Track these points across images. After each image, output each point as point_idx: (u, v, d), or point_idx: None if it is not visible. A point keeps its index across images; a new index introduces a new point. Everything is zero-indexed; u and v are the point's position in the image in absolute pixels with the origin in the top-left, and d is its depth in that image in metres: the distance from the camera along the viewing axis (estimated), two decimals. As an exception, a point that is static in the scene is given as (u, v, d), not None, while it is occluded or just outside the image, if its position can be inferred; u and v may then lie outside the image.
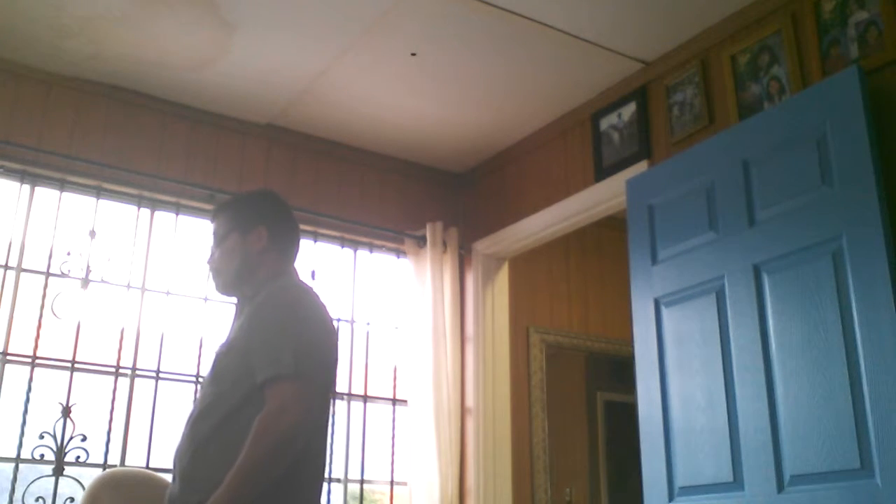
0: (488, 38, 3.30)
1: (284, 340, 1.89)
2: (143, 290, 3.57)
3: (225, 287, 2.15)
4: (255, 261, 2.11)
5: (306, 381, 1.87)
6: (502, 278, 4.30)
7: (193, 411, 2.01)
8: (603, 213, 3.72)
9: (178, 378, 3.57)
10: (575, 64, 3.47)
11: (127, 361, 3.47)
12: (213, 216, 2.21)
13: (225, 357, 1.98)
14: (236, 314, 2.17)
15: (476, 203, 4.38)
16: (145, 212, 3.68)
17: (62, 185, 3.52)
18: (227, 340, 2.05)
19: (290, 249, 2.20)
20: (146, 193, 3.66)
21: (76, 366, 3.36)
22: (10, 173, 3.42)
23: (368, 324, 4.10)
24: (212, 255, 2.17)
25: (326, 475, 2.95)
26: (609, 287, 4.83)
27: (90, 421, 3.33)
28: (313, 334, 1.96)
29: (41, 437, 3.22)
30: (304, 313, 1.99)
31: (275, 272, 2.12)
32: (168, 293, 3.63)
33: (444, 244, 4.17)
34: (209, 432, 1.90)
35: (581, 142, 3.77)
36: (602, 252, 4.90)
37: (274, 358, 1.86)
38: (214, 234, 2.17)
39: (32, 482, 3.17)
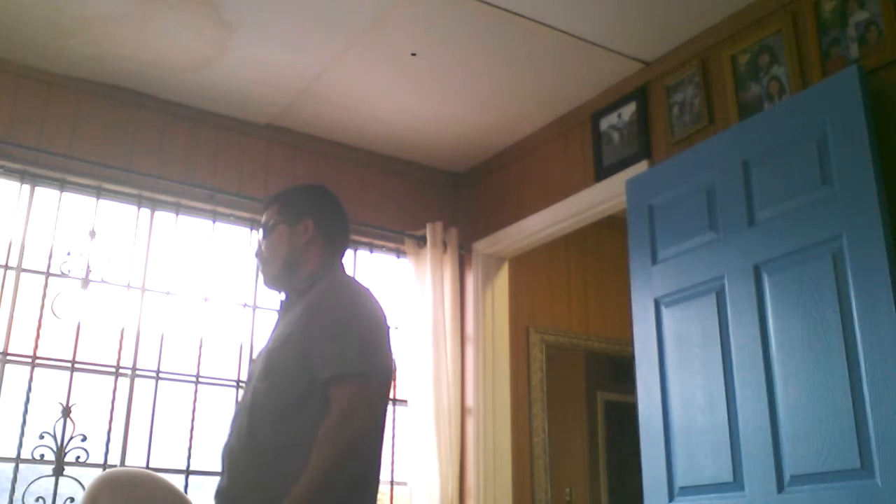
0: (488, 38, 3.30)
1: (349, 338, 1.87)
2: (143, 290, 3.57)
3: (273, 279, 2.12)
4: (301, 252, 2.09)
5: (372, 382, 1.86)
6: (502, 278, 4.30)
7: (242, 406, 1.97)
8: (603, 213, 3.72)
9: (178, 378, 3.57)
10: (575, 64, 3.47)
11: (127, 361, 3.47)
12: (264, 208, 2.20)
13: (280, 351, 1.93)
14: (283, 308, 2.14)
15: (476, 203, 4.38)
16: (145, 212, 3.68)
17: (62, 185, 3.52)
18: (278, 335, 2.01)
19: (339, 243, 2.18)
20: (146, 193, 3.66)
21: (76, 366, 3.36)
22: (10, 173, 3.42)
23: (368, 324, 4.10)
24: (259, 247, 2.16)
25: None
26: (609, 287, 4.82)
27: (90, 421, 3.33)
28: (376, 334, 1.94)
29: (41, 437, 3.22)
30: (367, 312, 1.96)
31: (322, 266, 2.10)
32: (168, 293, 3.63)
33: (444, 244, 4.17)
34: (266, 432, 1.88)
35: (581, 142, 3.77)
36: (602, 252, 4.90)
37: (339, 355, 1.84)
38: (263, 226, 2.16)
39: (32, 482, 3.17)
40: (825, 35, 2.81)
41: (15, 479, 3.15)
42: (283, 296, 2.18)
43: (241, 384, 3.67)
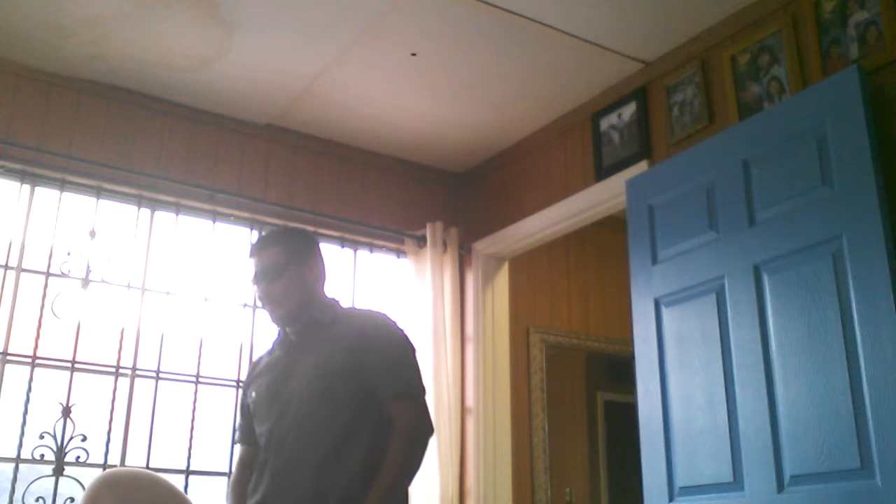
0: (488, 38, 3.30)
1: (404, 363, 2.21)
2: (143, 290, 3.57)
3: (287, 317, 2.28)
4: (311, 290, 2.31)
5: (424, 399, 2.20)
6: (502, 278, 4.30)
7: (292, 425, 2.16)
8: (603, 213, 3.72)
9: (178, 378, 3.57)
10: (575, 64, 3.47)
11: (127, 361, 3.47)
12: (257, 251, 2.32)
13: (336, 375, 2.16)
14: (296, 339, 2.29)
15: (476, 203, 4.38)
16: (145, 212, 3.68)
17: (62, 185, 3.52)
18: (320, 360, 2.19)
19: (326, 274, 2.42)
20: (146, 193, 3.66)
21: (76, 366, 3.36)
22: (10, 173, 3.42)
23: (368, 324, 4.10)
24: (265, 288, 2.28)
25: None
26: (609, 287, 4.83)
27: (90, 421, 3.33)
28: (416, 359, 2.27)
29: (41, 437, 3.22)
30: (408, 340, 2.28)
31: (328, 299, 2.35)
32: (168, 293, 3.63)
33: (444, 244, 4.17)
34: (332, 444, 2.11)
35: (581, 142, 3.77)
36: (602, 252, 4.90)
37: (399, 377, 2.17)
38: (266, 269, 2.28)
39: (32, 482, 3.17)
40: (825, 35, 2.81)
41: (15, 479, 3.15)
42: (288, 329, 2.33)
43: (240, 384, 3.66)
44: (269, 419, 2.22)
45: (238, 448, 2.43)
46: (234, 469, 2.42)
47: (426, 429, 2.17)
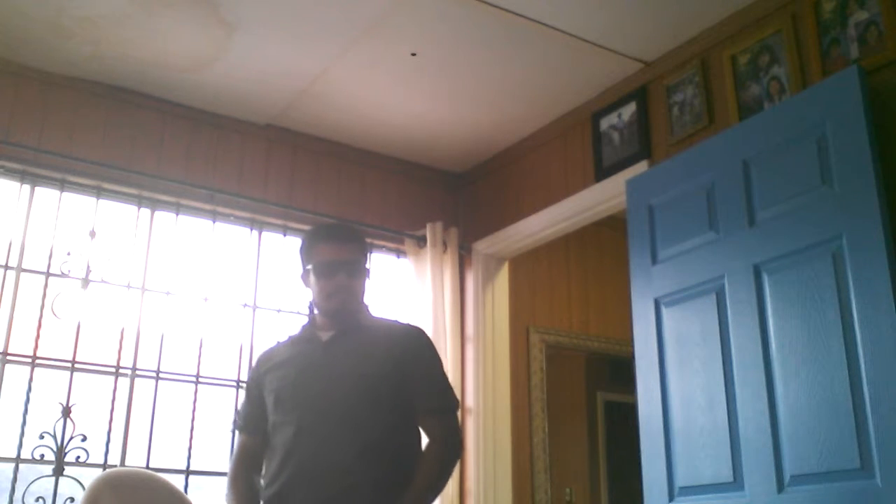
0: (488, 38, 3.30)
1: (443, 377, 2.34)
2: (143, 290, 3.57)
3: (350, 312, 2.32)
4: (364, 293, 2.39)
5: (457, 413, 2.34)
6: (502, 278, 4.30)
7: (332, 424, 2.19)
8: (603, 213, 3.72)
9: (178, 378, 3.57)
10: (575, 64, 3.47)
11: (127, 361, 3.47)
12: (343, 241, 2.35)
13: (382, 381, 2.23)
14: (338, 334, 2.31)
15: (476, 203, 4.38)
16: (145, 212, 3.68)
17: (62, 185, 3.52)
18: (360, 363, 2.25)
19: None
20: (146, 193, 3.66)
21: (76, 366, 3.36)
22: (10, 173, 3.42)
23: (368, 324, 4.10)
24: (346, 281, 2.31)
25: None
26: (609, 287, 4.83)
27: (90, 421, 3.33)
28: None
29: (41, 437, 3.22)
30: (439, 354, 2.41)
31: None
32: (168, 293, 3.63)
33: (444, 244, 4.17)
34: (365, 450, 2.17)
35: (581, 142, 3.77)
36: (602, 252, 4.90)
37: (440, 392, 2.30)
38: (352, 262, 2.33)
39: (32, 482, 3.17)
40: (825, 35, 2.81)
41: (15, 479, 3.15)
42: (325, 323, 2.35)
43: (240, 384, 3.67)
44: (297, 411, 2.22)
45: (240, 436, 2.41)
46: (234, 459, 2.39)
47: (461, 443, 2.33)
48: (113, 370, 3.43)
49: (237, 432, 2.44)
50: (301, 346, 2.35)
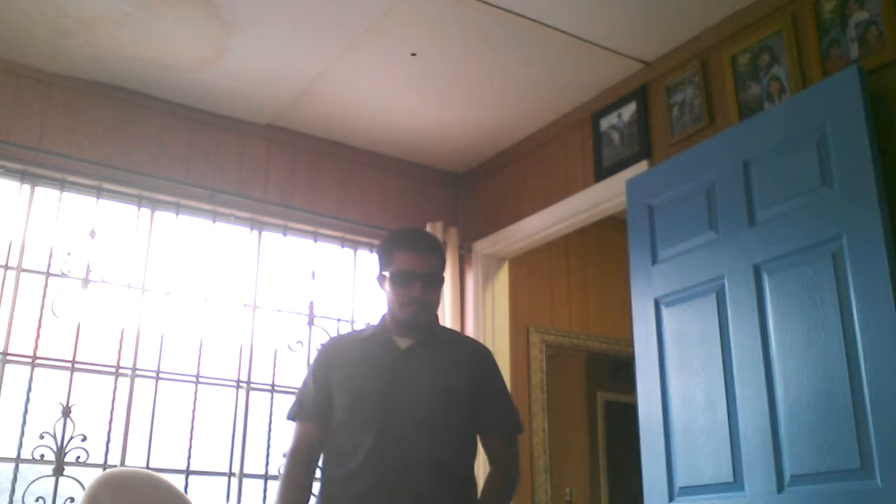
0: (488, 38, 3.30)
1: (511, 398, 2.44)
2: (143, 290, 3.57)
3: (426, 323, 2.34)
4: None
5: None
6: (502, 278, 4.30)
7: (414, 433, 2.22)
8: (603, 213, 3.72)
9: (178, 378, 3.57)
10: (575, 64, 3.47)
11: (127, 361, 3.47)
12: (430, 252, 2.35)
13: (459, 397, 2.28)
14: (416, 344, 2.32)
15: (476, 203, 4.38)
16: (145, 212, 3.68)
17: (62, 185, 3.52)
18: (438, 375, 2.29)
19: None
20: (146, 193, 3.66)
21: (76, 366, 3.36)
22: (10, 173, 3.42)
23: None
24: (428, 293, 2.32)
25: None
26: (609, 287, 4.83)
27: (90, 421, 3.33)
28: None
29: (41, 437, 3.22)
30: None
31: None
32: (168, 293, 3.63)
33: (445, 244, 4.17)
34: (450, 459, 2.24)
35: (581, 142, 3.77)
36: (602, 252, 4.90)
37: (512, 414, 2.38)
38: (435, 274, 2.35)
39: (32, 482, 3.17)
40: (825, 35, 2.81)
41: (15, 479, 3.15)
42: (398, 330, 2.35)
43: (241, 384, 3.67)
44: (380, 416, 2.21)
45: (301, 425, 2.32)
46: (293, 451, 2.29)
47: (521, 464, 2.41)
48: (113, 370, 3.43)
49: (297, 421, 2.33)
50: (374, 348, 2.32)
